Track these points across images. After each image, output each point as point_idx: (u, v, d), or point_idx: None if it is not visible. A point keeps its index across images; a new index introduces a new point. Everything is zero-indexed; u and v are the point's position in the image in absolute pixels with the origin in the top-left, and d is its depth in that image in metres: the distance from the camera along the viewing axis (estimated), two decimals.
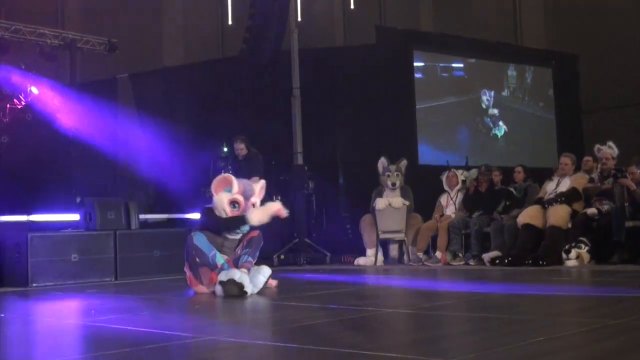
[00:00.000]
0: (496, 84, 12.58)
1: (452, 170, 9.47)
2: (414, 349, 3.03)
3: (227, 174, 5.71)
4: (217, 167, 8.94)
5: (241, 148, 9.12)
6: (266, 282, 5.50)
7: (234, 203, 5.46)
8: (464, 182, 9.37)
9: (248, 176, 8.96)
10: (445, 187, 9.44)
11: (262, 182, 5.77)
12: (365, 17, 13.92)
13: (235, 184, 5.49)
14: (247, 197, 5.52)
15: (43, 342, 3.73)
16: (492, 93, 12.47)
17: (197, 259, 5.42)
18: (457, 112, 12.12)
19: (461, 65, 12.31)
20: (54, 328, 4.25)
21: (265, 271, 5.49)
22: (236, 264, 5.51)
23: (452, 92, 12.14)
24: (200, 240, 5.41)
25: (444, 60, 12.14)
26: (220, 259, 5.40)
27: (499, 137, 12.36)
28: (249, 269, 5.46)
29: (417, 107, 11.50)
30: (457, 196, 9.29)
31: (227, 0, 11.05)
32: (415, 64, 11.71)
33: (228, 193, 5.47)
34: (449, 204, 9.28)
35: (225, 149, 9.33)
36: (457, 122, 12.05)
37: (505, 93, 12.69)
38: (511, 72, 12.75)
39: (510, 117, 12.66)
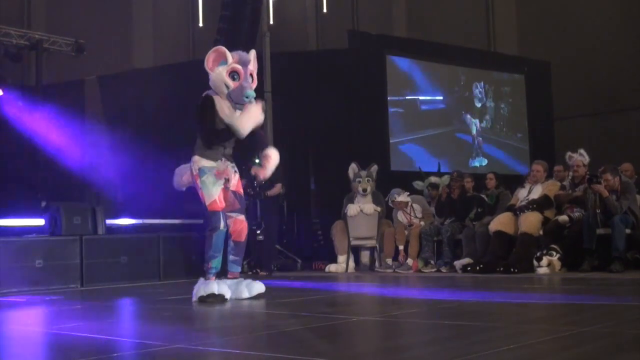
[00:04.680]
0: (476, 115, 12.67)
1: (395, 200, 9.19)
2: (383, 357, 3.00)
3: (219, 47, 5.32)
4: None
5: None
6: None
7: (233, 74, 5.18)
8: (435, 186, 9.33)
9: (272, 183, 8.90)
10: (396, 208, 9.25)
11: (254, 51, 5.47)
12: (338, 21, 13.92)
13: (229, 53, 5.23)
14: (244, 64, 5.24)
15: (6, 350, 3.62)
16: (477, 121, 12.58)
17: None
18: (434, 142, 12.16)
19: (438, 98, 12.36)
20: (18, 336, 4.14)
21: (255, 289, 5.40)
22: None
23: (428, 124, 12.18)
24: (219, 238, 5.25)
25: (417, 79, 12.13)
26: (217, 263, 5.29)
27: (479, 166, 12.39)
28: (236, 277, 5.47)
29: (390, 140, 11.49)
30: (412, 209, 9.12)
31: (198, 2, 10.97)
32: (393, 98, 11.70)
33: (224, 65, 5.20)
34: (411, 218, 9.09)
35: (257, 160, 9.26)
36: (438, 153, 12.03)
37: (484, 124, 12.78)
38: (490, 103, 12.84)
39: (490, 147, 12.76)
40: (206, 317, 4.68)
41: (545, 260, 7.47)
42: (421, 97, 12.23)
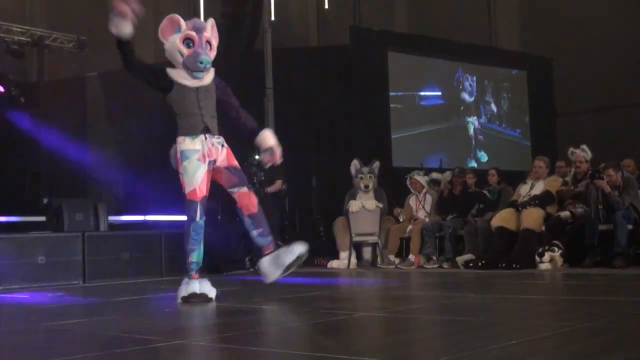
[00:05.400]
0: (474, 111, 12.63)
1: (414, 177, 9.32)
2: (386, 353, 2.99)
3: (172, 15, 5.15)
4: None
5: None
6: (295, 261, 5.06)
7: (187, 41, 4.99)
8: (437, 183, 9.34)
9: (272, 180, 8.88)
10: (412, 191, 9.37)
11: (212, 20, 5.24)
12: (340, 17, 13.89)
13: (183, 21, 5.05)
14: (199, 31, 5.02)
15: (8, 346, 3.62)
16: (473, 118, 12.55)
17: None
18: (436, 138, 12.15)
19: (439, 93, 12.32)
20: (20, 332, 4.14)
21: (295, 249, 5.10)
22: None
23: (430, 120, 12.15)
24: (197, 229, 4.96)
25: (418, 76, 12.10)
26: (197, 257, 5.01)
27: (477, 164, 12.33)
28: (272, 251, 5.16)
29: (392, 136, 11.48)
30: (424, 199, 9.23)
31: None
32: (394, 94, 11.70)
33: (179, 33, 5.02)
34: (419, 208, 9.21)
35: (257, 157, 9.22)
36: (437, 149, 12.02)
37: (483, 120, 12.76)
38: (488, 98, 12.81)
39: (489, 143, 12.74)
40: (208, 313, 4.68)
41: (547, 256, 7.47)
42: (422, 93, 12.22)
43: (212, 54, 5.10)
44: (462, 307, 4.56)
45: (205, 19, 5.38)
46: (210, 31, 5.13)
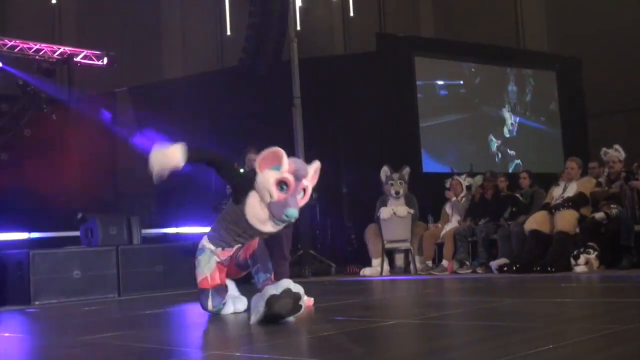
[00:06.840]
0: (497, 100, 12.52)
1: (456, 177, 9.39)
2: None
3: (277, 148, 4.51)
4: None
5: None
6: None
7: (282, 184, 4.41)
8: (468, 188, 9.29)
9: None
10: (451, 196, 9.36)
11: (318, 164, 4.72)
12: (365, 24, 13.90)
13: (286, 160, 4.45)
14: (298, 178, 4.47)
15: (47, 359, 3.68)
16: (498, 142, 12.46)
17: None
18: (458, 129, 12.06)
19: (461, 82, 12.23)
20: (58, 346, 4.18)
21: (266, 293, 4.33)
22: (234, 267, 4.94)
23: (453, 109, 12.07)
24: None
25: (444, 76, 12.04)
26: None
27: (511, 169, 12.21)
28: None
29: (422, 142, 11.43)
30: (460, 202, 9.22)
31: (226, 11, 11.04)
32: (423, 109, 11.67)
33: (276, 171, 4.43)
34: (454, 213, 9.20)
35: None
36: (460, 139, 11.94)
37: (506, 109, 12.63)
38: (511, 87, 12.68)
39: (513, 132, 12.65)
40: (240, 323, 4.68)
41: (582, 258, 7.38)
42: (451, 100, 12.14)
43: (303, 202, 4.62)
44: (497, 312, 4.52)
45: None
46: (311, 178, 4.64)
